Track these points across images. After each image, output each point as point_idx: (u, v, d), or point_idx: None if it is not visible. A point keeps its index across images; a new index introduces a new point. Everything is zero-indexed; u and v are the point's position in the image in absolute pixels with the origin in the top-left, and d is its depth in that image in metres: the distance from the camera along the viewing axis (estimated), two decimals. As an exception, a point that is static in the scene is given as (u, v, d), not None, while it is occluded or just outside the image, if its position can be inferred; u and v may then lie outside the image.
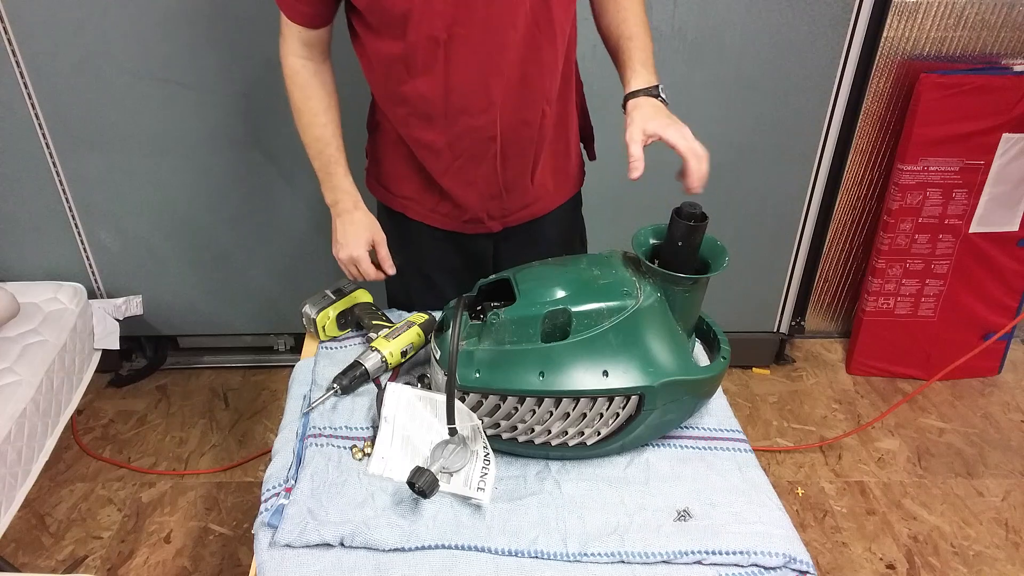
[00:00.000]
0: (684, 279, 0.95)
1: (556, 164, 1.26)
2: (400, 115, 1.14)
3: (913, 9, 1.94)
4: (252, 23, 1.76)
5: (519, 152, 1.17)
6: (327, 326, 1.23)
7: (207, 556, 1.75)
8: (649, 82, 1.11)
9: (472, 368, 0.95)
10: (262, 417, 2.18)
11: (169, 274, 2.14)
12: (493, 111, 1.10)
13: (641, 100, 1.09)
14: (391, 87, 1.11)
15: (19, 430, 1.58)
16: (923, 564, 1.75)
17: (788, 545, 0.90)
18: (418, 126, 1.13)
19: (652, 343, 0.95)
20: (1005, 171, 2.05)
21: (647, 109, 1.07)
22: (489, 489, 0.95)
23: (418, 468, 0.91)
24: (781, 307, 2.29)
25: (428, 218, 1.26)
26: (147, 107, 1.86)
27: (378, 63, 1.10)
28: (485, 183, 1.19)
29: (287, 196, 2.02)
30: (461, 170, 1.17)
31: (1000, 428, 2.16)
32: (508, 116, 1.11)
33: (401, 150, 1.19)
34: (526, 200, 1.25)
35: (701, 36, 1.83)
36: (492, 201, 1.22)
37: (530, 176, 1.21)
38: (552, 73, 1.12)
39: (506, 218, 1.26)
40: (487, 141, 1.13)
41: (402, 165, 1.21)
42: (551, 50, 1.10)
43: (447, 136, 1.13)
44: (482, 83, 1.07)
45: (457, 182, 1.19)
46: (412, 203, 1.25)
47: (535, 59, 1.08)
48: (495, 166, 1.17)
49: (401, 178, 1.23)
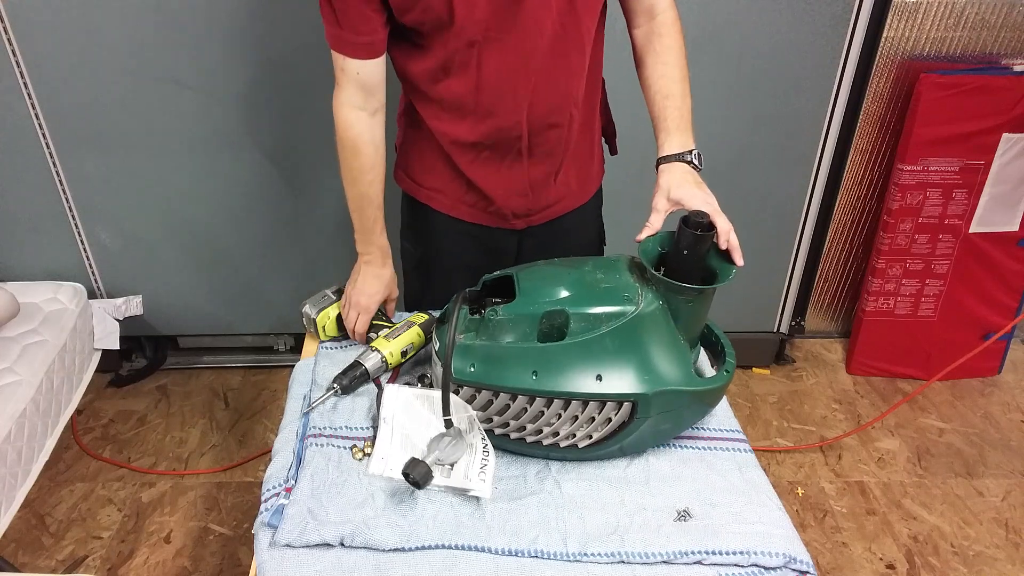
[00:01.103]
0: (687, 289, 0.94)
1: (580, 165, 1.28)
2: (432, 111, 1.16)
3: (913, 9, 1.94)
4: (252, 23, 1.77)
5: (546, 153, 1.19)
6: (327, 326, 1.23)
7: (207, 556, 1.75)
8: (684, 146, 1.12)
9: (468, 362, 0.95)
10: (262, 417, 2.18)
11: (169, 274, 2.14)
12: (520, 112, 1.12)
13: (673, 166, 1.10)
14: (424, 87, 1.13)
15: (19, 430, 1.58)
16: (923, 564, 1.75)
17: (788, 545, 0.90)
18: (449, 120, 1.15)
19: (650, 351, 0.94)
20: (1005, 171, 2.05)
21: (676, 175, 1.08)
22: (489, 480, 0.95)
23: (413, 459, 0.91)
24: (781, 307, 2.29)
25: (454, 209, 1.27)
26: (147, 107, 1.86)
27: (414, 68, 1.12)
28: (511, 179, 1.21)
29: (287, 196, 2.02)
30: (488, 163, 1.19)
31: (1000, 428, 2.16)
32: (535, 118, 1.13)
33: (431, 143, 1.20)
34: (550, 199, 1.27)
35: (701, 36, 1.83)
36: (518, 199, 1.24)
37: (555, 176, 1.23)
38: (579, 78, 1.14)
39: (530, 217, 1.27)
40: (514, 140, 1.16)
41: (431, 157, 1.23)
42: (578, 56, 1.12)
43: (476, 132, 1.15)
44: (511, 84, 1.10)
45: (484, 174, 1.20)
46: (438, 194, 1.27)
47: (563, 65, 1.11)
48: (522, 164, 1.19)
49: (429, 170, 1.25)
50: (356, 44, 1.06)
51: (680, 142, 1.11)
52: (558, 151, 1.20)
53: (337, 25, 1.04)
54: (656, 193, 1.08)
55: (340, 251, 2.11)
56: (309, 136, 1.91)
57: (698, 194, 1.04)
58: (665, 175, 1.09)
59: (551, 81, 1.11)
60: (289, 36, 1.78)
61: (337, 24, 1.04)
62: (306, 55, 1.80)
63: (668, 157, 1.11)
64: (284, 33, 1.78)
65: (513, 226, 1.28)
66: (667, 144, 1.12)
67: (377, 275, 1.23)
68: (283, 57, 1.81)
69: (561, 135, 1.17)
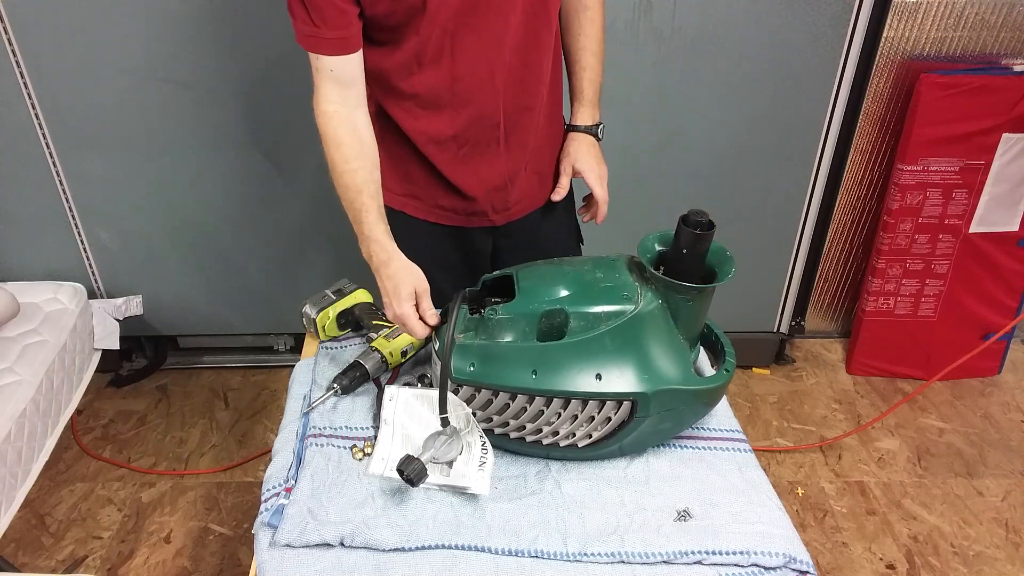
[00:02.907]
0: (686, 287, 0.94)
1: (552, 149, 1.30)
2: (406, 108, 1.15)
3: (913, 9, 1.94)
4: (252, 23, 1.77)
5: (521, 138, 1.20)
6: (327, 326, 1.23)
7: (207, 556, 1.75)
8: (593, 119, 1.28)
9: (467, 361, 0.95)
10: (262, 417, 2.18)
11: (169, 274, 2.14)
12: (497, 97, 1.13)
13: (580, 136, 1.27)
14: (397, 83, 1.12)
15: (19, 430, 1.58)
16: (923, 564, 1.75)
17: (788, 545, 0.90)
18: (425, 117, 1.15)
19: (649, 350, 0.94)
20: (1005, 171, 2.05)
21: (582, 147, 1.26)
22: (488, 477, 0.95)
23: (408, 456, 0.91)
24: (781, 307, 2.29)
25: (430, 215, 1.27)
26: (147, 107, 1.86)
27: (386, 64, 1.10)
28: (490, 172, 1.21)
29: (287, 196, 2.02)
30: (467, 159, 1.19)
31: (1000, 428, 2.16)
32: (510, 101, 1.15)
33: (403, 148, 1.19)
34: (527, 189, 1.28)
35: (701, 36, 1.83)
36: (497, 193, 1.24)
37: (527, 165, 1.25)
38: (547, 55, 1.16)
39: (508, 210, 1.28)
40: (492, 128, 1.16)
41: (404, 163, 1.22)
42: (547, 33, 1.14)
43: (454, 125, 1.14)
44: (487, 69, 1.10)
45: (464, 172, 1.20)
46: (414, 200, 1.26)
47: (534, 43, 1.12)
48: (499, 153, 1.19)
49: (403, 176, 1.24)
50: (331, 40, 1.05)
51: (591, 114, 1.28)
52: (531, 135, 1.22)
53: (311, 23, 1.03)
54: (564, 158, 1.27)
55: (340, 251, 2.11)
56: (309, 136, 1.89)
57: (595, 168, 1.25)
58: (574, 143, 1.27)
59: (524, 62, 1.12)
60: (288, 36, 1.75)
61: (311, 22, 1.03)
62: (306, 55, 1.79)
63: (579, 127, 1.28)
64: (284, 33, 1.77)
65: (493, 222, 1.28)
66: (580, 114, 1.28)
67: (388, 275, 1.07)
68: (283, 57, 1.81)
69: (533, 118, 1.20)
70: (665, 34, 1.82)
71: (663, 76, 1.87)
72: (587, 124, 1.27)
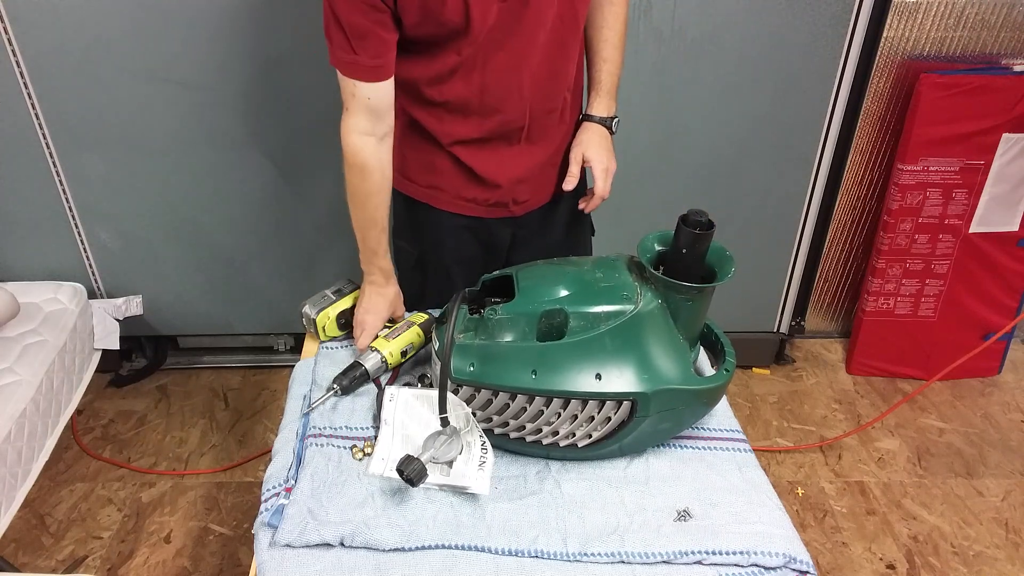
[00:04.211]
0: (686, 287, 0.94)
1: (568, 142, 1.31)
2: (433, 113, 1.17)
3: (913, 9, 1.94)
4: (252, 23, 1.76)
5: (544, 138, 1.23)
6: (327, 326, 1.23)
7: (207, 556, 1.75)
8: (609, 111, 1.28)
9: (467, 361, 0.95)
10: (262, 417, 2.18)
11: (169, 274, 2.14)
12: (524, 104, 1.15)
13: (594, 126, 1.27)
14: (425, 91, 1.14)
15: (19, 430, 1.58)
16: (923, 564, 1.75)
17: (788, 545, 0.90)
18: (451, 121, 1.17)
19: (649, 349, 0.94)
20: (1005, 171, 2.05)
21: (595, 137, 1.25)
22: (487, 477, 0.95)
23: (407, 456, 0.91)
24: (781, 307, 2.28)
25: (454, 206, 1.28)
26: (147, 107, 1.86)
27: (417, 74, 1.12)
28: (515, 166, 1.23)
29: (287, 196, 2.02)
30: (493, 152, 1.21)
31: (1000, 428, 2.16)
32: (536, 106, 1.17)
33: (428, 143, 1.21)
34: (546, 182, 1.30)
35: (701, 36, 1.83)
36: (520, 185, 1.26)
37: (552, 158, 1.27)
38: (573, 62, 1.19)
39: (528, 202, 1.30)
40: (516, 131, 1.19)
41: (430, 155, 1.23)
42: (573, 41, 1.16)
43: (480, 129, 1.17)
44: (515, 80, 1.12)
45: (489, 164, 1.22)
46: (439, 192, 1.28)
47: (561, 53, 1.14)
48: (523, 149, 1.22)
49: (429, 168, 1.25)
50: (369, 68, 1.04)
51: (607, 106, 1.28)
52: (554, 135, 1.24)
53: (350, 51, 1.02)
54: (575, 147, 1.25)
55: (340, 251, 2.11)
56: (309, 136, 1.91)
57: (603, 160, 1.23)
58: (587, 132, 1.26)
59: (551, 70, 1.14)
60: (289, 36, 1.78)
61: (350, 49, 1.02)
62: (306, 55, 1.80)
63: (593, 118, 1.27)
64: (284, 33, 1.78)
65: (513, 213, 1.30)
66: (596, 105, 1.28)
67: (381, 294, 1.23)
68: (283, 57, 1.81)
69: (557, 119, 1.22)
70: (665, 34, 1.82)
71: (663, 76, 1.87)
72: (602, 115, 1.27)
